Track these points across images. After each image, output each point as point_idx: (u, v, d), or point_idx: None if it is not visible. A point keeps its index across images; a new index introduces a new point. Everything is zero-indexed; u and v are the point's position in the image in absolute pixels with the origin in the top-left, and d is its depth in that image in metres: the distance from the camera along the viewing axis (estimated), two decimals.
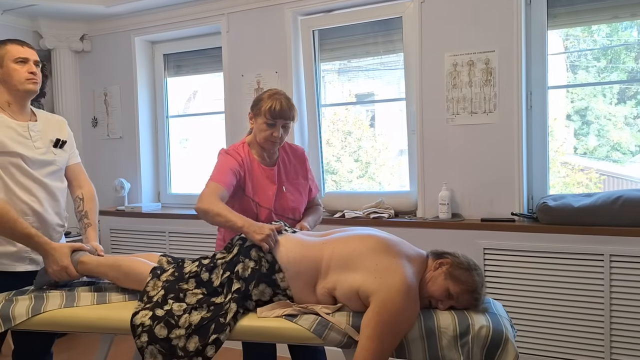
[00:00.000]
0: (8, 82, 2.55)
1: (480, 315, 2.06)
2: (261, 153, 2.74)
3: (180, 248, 4.61)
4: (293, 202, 2.76)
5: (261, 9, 4.35)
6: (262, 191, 2.68)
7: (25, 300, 2.34)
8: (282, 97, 2.68)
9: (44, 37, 5.03)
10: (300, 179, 2.84)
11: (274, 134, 2.64)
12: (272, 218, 2.64)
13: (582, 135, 3.72)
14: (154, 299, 2.24)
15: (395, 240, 2.24)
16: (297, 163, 2.85)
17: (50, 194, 2.62)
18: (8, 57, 2.54)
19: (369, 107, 4.56)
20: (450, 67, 3.68)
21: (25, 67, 2.56)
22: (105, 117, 5.20)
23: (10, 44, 2.58)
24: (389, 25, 4.07)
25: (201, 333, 2.11)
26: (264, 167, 2.72)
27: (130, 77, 5.04)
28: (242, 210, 2.55)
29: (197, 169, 5.15)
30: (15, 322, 2.27)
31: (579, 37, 3.69)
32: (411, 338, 2.01)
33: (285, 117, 2.64)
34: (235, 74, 4.51)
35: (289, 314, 2.13)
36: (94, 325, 2.29)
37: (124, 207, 4.89)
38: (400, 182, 4.22)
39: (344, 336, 2.03)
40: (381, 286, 2.02)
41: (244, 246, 2.29)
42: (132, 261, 2.47)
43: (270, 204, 2.67)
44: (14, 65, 2.54)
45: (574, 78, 3.72)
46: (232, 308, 2.14)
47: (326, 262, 2.19)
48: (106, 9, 4.71)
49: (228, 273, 2.23)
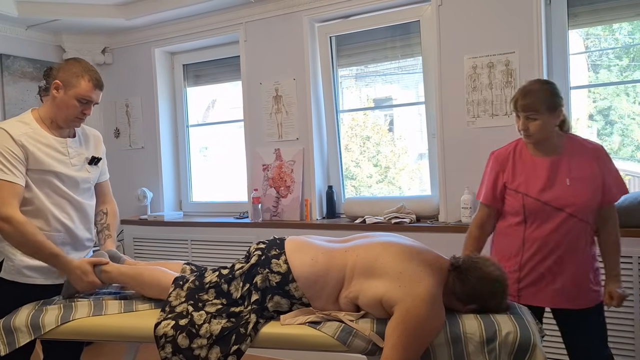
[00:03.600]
0: (60, 108, 2.52)
1: (507, 320, 2.03)
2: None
3: (202, 256, 4.64)
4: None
5: (278, 17, 4.37)
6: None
7: (55, 310, 2.38)
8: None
9: (67, 51, 5.11)
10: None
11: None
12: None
13: (606, 135, 3.67)
14: (177, 309, 2.25)
15: (418, 247, 2.22)
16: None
17: (81, 210, 2.63)
18: (76, 91, 2.50)
19: (387, 112, 4.54)
20: (470, 70, 3.65)
21: (82, 107, 2.52)
22: (127, 128, 5.25)
23: (87, 79, 2.52)
24: (406, 29, 4.06)
25: (222, 343, 2.11)
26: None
27: (151, 87, 5.09)
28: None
29: (218, 177, 5.18)
30: (45, 330, 2.31)
31: (600, 36, 3.65)
32: (437, 344, 1.99)
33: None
34: (253, 82, 4.53)
35: (313, 321, 2.12)
36: (120, 333, 2.31)
37: (147, 216, 4.94)
38: (421, 187, 4.20)
39: (369, 343, 2.01)
40: (405, 295, 2.00)
41: (263, 257, 2.29)
42: (153, 270, 2.48)
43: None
44: (73, 102, 2.50)
45: (596, 77, 3.67)
46: (252, 319, 2.14)
47: (349, 271, 2.17)
48: (126, 21, 4.78)
49: (248, 285, 2.23)
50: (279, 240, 2.37)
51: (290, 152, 4.38)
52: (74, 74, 2.52)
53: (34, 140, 2.46)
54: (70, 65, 2.57)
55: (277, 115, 4.43)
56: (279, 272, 2.21)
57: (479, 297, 2.11)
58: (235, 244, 4.45)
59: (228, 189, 5.07)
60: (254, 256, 2.31)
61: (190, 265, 2.57)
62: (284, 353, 4.07)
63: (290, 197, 4.35)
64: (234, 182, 4.95)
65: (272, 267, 2.22)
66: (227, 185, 5.09)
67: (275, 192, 4.42)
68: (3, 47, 4.73)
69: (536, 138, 2.53)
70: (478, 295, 2.11)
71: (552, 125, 2.51)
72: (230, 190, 5.04)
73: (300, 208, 4.32)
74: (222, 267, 2.40)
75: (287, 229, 4.11)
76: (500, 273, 2.16)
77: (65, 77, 2.52)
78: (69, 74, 2.52)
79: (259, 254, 2.30)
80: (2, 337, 2.33)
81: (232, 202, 4.93)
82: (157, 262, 2.66)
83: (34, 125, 2.51)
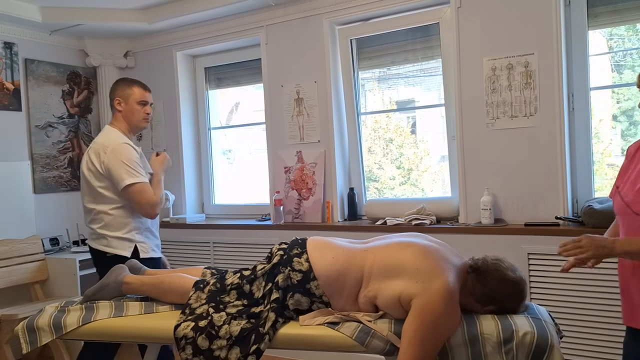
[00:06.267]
0: (129, 118, 3.19)
1: (524, 321, 2.03)
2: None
3: (224, 258, 4.67)
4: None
5: (299, 20, 4.40)
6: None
7: (77, 311, 2.44)
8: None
9: (90, 55, 5.20)
10: None
11: None
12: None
13: (630, 136, 3.63)
14: (197, 311, 2.28)
15: (437, 246, 2.23)
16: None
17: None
18: (133, 98, 3.17)
19: (410, 114, 4.54)
20: (489, 72, 3.65)
21: (144, 109, 3.21)
22: (150, 131, 5.31)
23: (136, 86, 3.20)
24: (426, 31, 4.06)
25: (242, 344, 2.14)
26: None
27: (173, 91, 5.14)
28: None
29: (240, 179, 5.22)
30: (67, 330, 2.37)
31: (624, 36, 3.61)
32: (454, 344, 2.00)
33: None
34: (275, 85, 4.57)
35: (331, 322, 2.14)
36: (141, 334, 2.36)
37: (169, 219, 4.98)
38: (443, 188, 4.20)
39: (387, 343, 2.03)
40: (423, 290, 2.01)
41: (285, 256, 2.31)
42: (174, 277, 2.51)
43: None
44: (136, 106, 3.18)
45: (620, 78, 3.64)
46: (270, 317, 2.16)
47: (368, 270, 2.19)
48: (149, 25, 4.84)
49: (270, 284, 2.26)
50: (300, 240, 2.40)
51: (312, 155, 4.40)
52: (126, 86, 3.19)
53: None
54: (119, 84, 3.24)
55: (298, 117, 4.45)
56: (301, 270, 2.23)
57: (497, 298, 2.12)
58: (257, 246, 4.48)
59: (250, 192, 5.10)
60: (276, 256, 2.34)
61: (210, 269, 2.60)
62: (302, 354, 4.08)
63: (312, 199, 4.38)
64: (257, 185, 4.98)
65: (294, 266, 2.25)
66: (249, 188, 5.12)
67: (297, 194, 4.45)
68: (27, 52, 4.83)
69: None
70: (497, 297, 2.12)
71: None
72: (252, 193, 5.08)
73: (322, 210, 4.34)
74: (243, 269, 2.43)
75: (309, 231, 4.12)
76: (519, 275, 2.17)
77: (121, 93, 3.18)
78: (121, 88, 3.19)
79: (281, 253, 2.33)
80: (25, 336, 2.41)
81: (254, 204, 4.95)
82: (178, 270, 2.70)
83: (128, 137, 3.19)
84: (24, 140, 4.78)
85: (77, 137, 5.19)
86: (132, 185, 3.02)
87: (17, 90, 4.72)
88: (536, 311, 2.16)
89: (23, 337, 2.41)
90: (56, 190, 5.00)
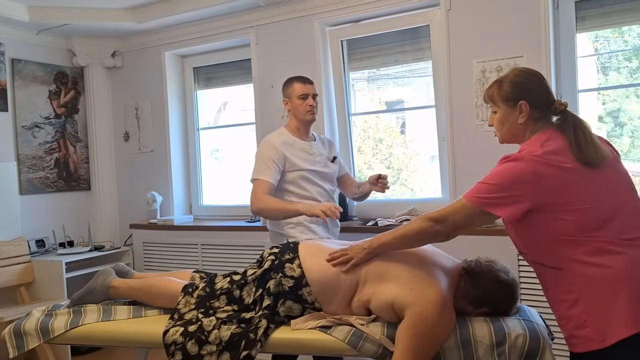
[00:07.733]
0: (295, 112, 3.28)
1: (516, 324, 2.04)
2: None
3: (213, 260, 4.63)
4: None
5: (290, 21, 4.38)
6: None
7: (64, 315, 2.41)
8: None
9: (77, 54, 5.15)
10: None
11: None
12: None
13: (616, 137, 3.66)
14: (186, 317, 2.26)
15: (431, 250, 2.23)
16: None
17: (326, 196, 3.27)
18: (294, 94, 3.26)
19: (399, 114, 4.55)
20: (479, 74, 3.66)
21: (305, 102, 3.25)
22: (137, 131, 5.27)
23: (296, 82, 3.29)
24: (416, 33, 4.06)
25: (232, 349, 2.13)
26: None
27: (161, 91, 5.11)
28: None
29: (229, 179, 5.18)
30: (54, 334, 2.35)
31: (609, 39, 3.64)
32: (447, 347, 2.00)
33: None
34: (265, 85, 4.55)
35: (323, 326, 2.13)
36: (129, 339, 2.34)
37: (156, 220, 4.92)
38: (433, 189, 4.20)
39: (379, 347, 2.03)
40: (416, 299, 2.01)
41: (276, 261, 2.29)
42: (162, 281, 2.50)
43: None
44: (297, 101, 3.25)
45: (605, 80, 3.67)
46: (262, 324, 2.15)
47: (364, 275, 2.18)
48: (137, 25, 4.80)
49: (261, 290, 2.24)
50: (292, 244, 2.38)
51: None
52: (288, 85, 3.32)
53: (289, 146, 3.20)
54: (284, 84, 3.37)
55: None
56: (293, 277, 2.22)
57: (490, 300, 2.12)
58: (246, 248, 4.45)
59: (239, 192, 5.06)
60: (267, 261, 2.32)
61: (199, 273, 2.58)
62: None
63: None
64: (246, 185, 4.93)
65: (286, 272, 2.23)
66: (238, 188, 5.09)
67: None
68: (14, 52, 4.77)
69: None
70: (490, 299, 2.12)
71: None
72: (241, 193, 5.04)
73: None
74: (233, 273, 2.41)
75: None
76: (512, 277, 2.17)
77: (285, 92, 3.33)
78: (285, 88, 3.34)
79: (272, 258, 2.31)
80: (12, 340, 2.39)
81: (243, 205, 4.89)
82: (166, 273, 2.68)
83: (288, 135, 3.26)
84: (10, 140, 4.72)
85: (63, 137, 5.14)
86: (253, 180, 3.22)
87: (4, 90, 4.66)
88: (528, 313, 2.17)
89: (10, 341, 2.39)
90: (42, 192, 4.95)
